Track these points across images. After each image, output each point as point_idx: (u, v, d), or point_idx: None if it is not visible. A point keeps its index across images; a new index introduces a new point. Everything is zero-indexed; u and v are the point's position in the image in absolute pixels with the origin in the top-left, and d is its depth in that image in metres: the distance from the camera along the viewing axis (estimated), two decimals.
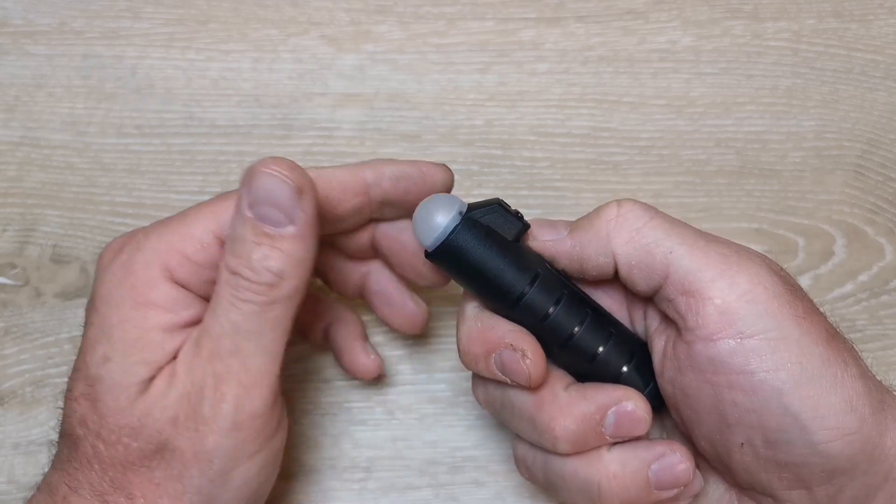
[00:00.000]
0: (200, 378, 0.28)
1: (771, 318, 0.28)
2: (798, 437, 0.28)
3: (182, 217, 0.30)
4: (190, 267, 0.29)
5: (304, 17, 0.44)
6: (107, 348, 0.28)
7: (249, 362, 0.29)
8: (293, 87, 0.43)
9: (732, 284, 0.28)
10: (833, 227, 0.42)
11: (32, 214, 0.41)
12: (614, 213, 0.30)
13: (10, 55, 0.43)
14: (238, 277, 0.28)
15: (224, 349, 0.28)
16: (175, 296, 0.29)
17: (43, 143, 0.42)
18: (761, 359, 0.27)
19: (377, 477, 0.38)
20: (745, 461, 0.29)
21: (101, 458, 0.28)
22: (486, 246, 0.29)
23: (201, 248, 0.29)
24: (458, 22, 0.44)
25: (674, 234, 0.29)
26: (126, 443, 0.28)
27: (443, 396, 0.39)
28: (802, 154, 0.43)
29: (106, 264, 0.30)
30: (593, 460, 0.30)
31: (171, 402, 0.28)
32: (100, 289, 0.29)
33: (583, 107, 0.43)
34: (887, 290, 0.41)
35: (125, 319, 0.29)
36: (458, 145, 0.42)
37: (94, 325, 0.29)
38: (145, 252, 0.29)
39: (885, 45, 0.45)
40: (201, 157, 0.42)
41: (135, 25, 0.43)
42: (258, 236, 0.28)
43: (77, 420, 0.29)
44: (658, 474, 0.30)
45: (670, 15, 0.45)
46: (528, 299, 0.29)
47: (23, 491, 0.37)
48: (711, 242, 0.29)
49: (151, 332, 0.29)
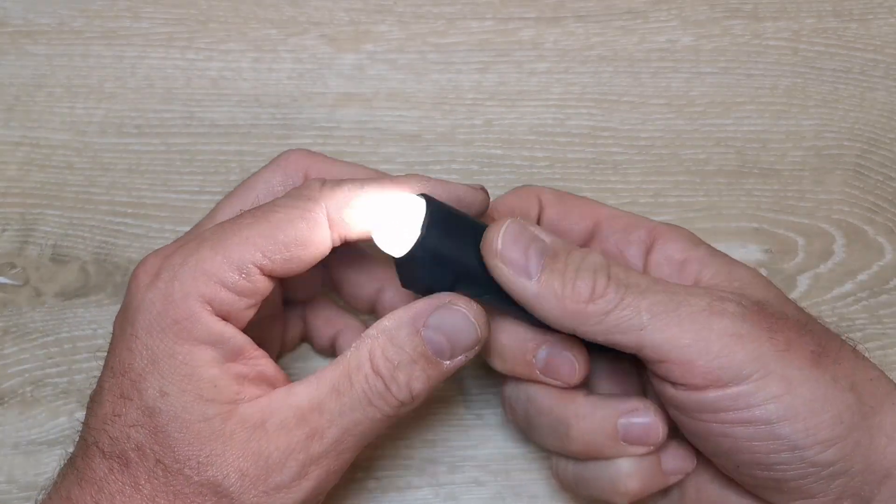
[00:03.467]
0: (288, 447, 0.28)
1: (753, 363, 0.28)
2: (791, 457, 0.28)
3: (218, 241, 0.29)
4: (228, 297, 0.29)
5: (304, 17, 0.44)
6: (161, 382, 0.28)
7: (343, 456, 0.29)
8: (293, 86, 0.43)
9: (709, 346, 0.28)
10: (833, 226, 0.42)
11: (32, 214, 0.41)
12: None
13: (10, 55, 0.43)
14: (380, 381, 0.29)
15: (330, 436, 0.29)
16: (218, 331, 0.29)
17: (43, 142, 0.42)
18: (749, 398, 0.28)
19: (377, 476, 0.38)
20: (744, 480, 0.30)
21: (154, 483, 0.28)
22: (461, 236, 0.29)
23: (240, 278, 0.29)
24: (457, 21, 0.44)
25: (642, 306, 0.29)
26: (187, 474, 0.28)
27: (443, 396, 0.39)
28: (802, 153, 0.43)
29: (142, 288, 0.29)
30: (568, 401, 0.32)
31: (248, 454, 0.28)
32: (139, 316, 0.29)
33: (582, 106, 0.43)
34: (887, 289, 0.41)
35: (172, 354, 0.28)
36: (458, 145, 0.42)
37: (138, 353, 0.29)
38: (183, 281, 0.29)
39: (885, 44, 0.45)
40: (201, 157, 0.42)
41: (134, 25, 0.43)
42: (417, 355, 0.29)
43: (133, 446, 0.28)
44: (627, 428, 0.31)
45: (670, 14, 0.45)
46: None
47: (23, 491, 0.37)
48: (682, 303, 0.29)
49: (200, 368, 0.28)
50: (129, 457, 0.28)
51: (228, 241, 0.29)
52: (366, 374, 0.29)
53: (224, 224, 0.30)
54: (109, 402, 0.29)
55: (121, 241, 0.41)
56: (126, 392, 0.29)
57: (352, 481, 0.38)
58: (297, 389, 0.29)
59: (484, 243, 0.30)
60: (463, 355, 0.30)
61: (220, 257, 0.29)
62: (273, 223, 0.29)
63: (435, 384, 0.30)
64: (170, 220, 0.41)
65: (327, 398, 0.29)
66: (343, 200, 0.30)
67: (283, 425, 0.28)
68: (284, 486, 0.28)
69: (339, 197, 0.30)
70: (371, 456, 0.38)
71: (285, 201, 0.30)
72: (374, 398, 0.29)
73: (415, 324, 0.29)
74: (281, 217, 0.29)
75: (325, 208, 0.30)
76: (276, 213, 0.30)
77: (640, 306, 0.28)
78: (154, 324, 0.29)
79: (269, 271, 0.29)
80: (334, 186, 0.30)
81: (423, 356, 0.29)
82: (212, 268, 0.29)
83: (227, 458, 0.28)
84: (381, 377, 0.29)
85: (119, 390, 0.29)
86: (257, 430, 0.28)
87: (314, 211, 0.30)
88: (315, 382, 0.29)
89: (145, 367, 0.28)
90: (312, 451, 0.29)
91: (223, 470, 0.28)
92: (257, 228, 0.29)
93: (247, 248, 0.29)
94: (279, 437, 0.28)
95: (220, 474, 0.28)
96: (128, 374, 0.29)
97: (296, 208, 0.30)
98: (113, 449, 0.29)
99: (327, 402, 0.29)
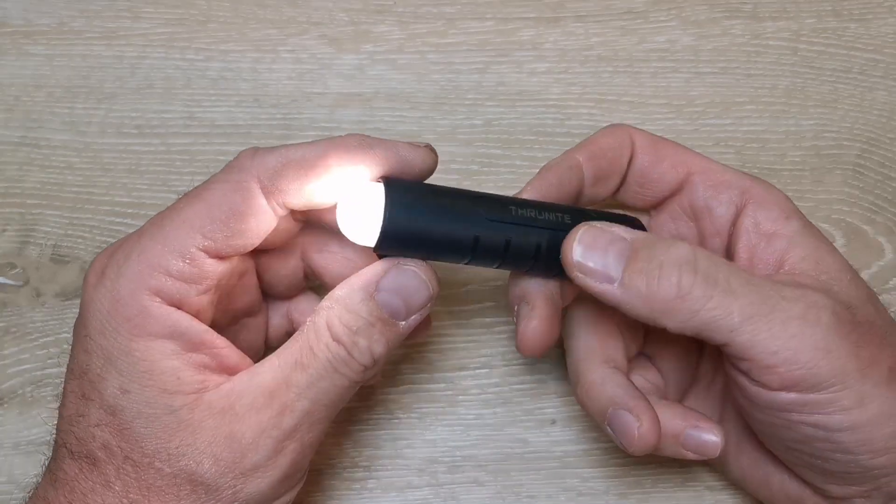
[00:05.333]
0: (259, 426, 0.28)
1: (834, 377, 0.28)
2: (845, 459, 0.29)
3: (156, 231, 0.29)
4: (176, 284, 0.29)
5: (304, 17, 0.44)
6: (120, 380, 0.28)
7: (317, 427, 0.29)
8: (293, 87, 0.43)
9: (797, 356, 0.28)
10: (832, 226, 0.42)
11: (32, 214, 0.41)
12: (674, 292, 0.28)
13: (10, 55, 0.43)
14: (342, 348, 0.29)
15: (300, 408, 0.29)
16: (172, 322, 0.28)
17: (43, 143, 0.42)
18: (821, 406, 0.28)
19: (377, 476, 0.38)
20: (789, 458, 0.31)
21: (125, 479, 0.28)
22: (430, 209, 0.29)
23: (185, 264, 0.28)
24: (457, 22, 0.44)
25: (734, 308, 0.28)
26: (158, 467, 0.28)
27: (443, 396, 0.39)
28: (802, 153, 0.43)
29: (90, 288, 0.29)
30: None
31: (219, 439, 0.28)
32: (90, 317, 0.29)
33: (582, 106, 0.43)
34: (887, 289, 0.41)
35: (127, 352, 0.28)
36: (458, 145, 0.42)
37: (94, 353, 0.29)
38: (128, 278, 0.28)
39: (885, 44, 0.45)
40: (201, 157, 0.42)
41: (134, 25, 0.43)
42: (374, 319, 0.29)
43: (98, 445, 0.28)
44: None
45: (669, 14, 0.45)
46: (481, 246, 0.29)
47: (23, 491, 0.37)
48: (776, 307, 0.28)
49: (160, 362, 0.28)
50: (96, 456, 0.28)
51: (167, 229, 0.29)
52: (326, 344, 0.29)
53: (162, 212, 0.30)
54: (73, 403, 0.29)
55: None
56: (87, 393, 0.29)
57: (352, 481, 0.38)
58: (260, 370, 0.29)
59: (563, 254, 0.29)
60: (417, 313, 0.30)
61: (160, 246, 0.28)
62: (207, 201, 0.29)
63: (394, 345, 0.30)
64: None
65: (292, 372, 0.29)
66: (274, 167, 0.29)
67: (252, 406, 0.28)
68: (261, 465, 0.28)
69: (270, 164, 0.29)
70: (371, 456, 0.38)
71: (217, 177, 0.30)
72: (338, 366, 0.29)
73: (367, 289, 0.29)
74: (214, 193, 0.29)
75: (257, 178, 0.29)
76: (209, 190, 0.29)
77: (731, 308, 0.28)
78: (105, 324, 0.28)
79: (215, 252, 0.29)
80: (266, 153, 0.29)
81: (380, 319, 0.29)
82: (154, 258, 0.28)
83: (199, 446, 0.28)
84: (343, 344, 0.29)
85: (80, 391, 0.29)
86: (226, 414, 0.28)
87: (246, 181, 0.29)
88: (276, 360, 0.29)
89: (102, 366, 0.28)
90: (285, 426, 0.28)
91: (196, 458, 0.28)
92: (193, 209, 0.29)
93: (185, 231, 0.29)
94: (250, 418, 0.28)
95: (193, 463, 0.28)
96: (86, 375, 0.29)
97: (227, 182, 0.29)
98: (80, 449, 0.29)
99: (293, 376, 0.29)
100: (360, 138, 0.29)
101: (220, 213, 0.29)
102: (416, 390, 0.39)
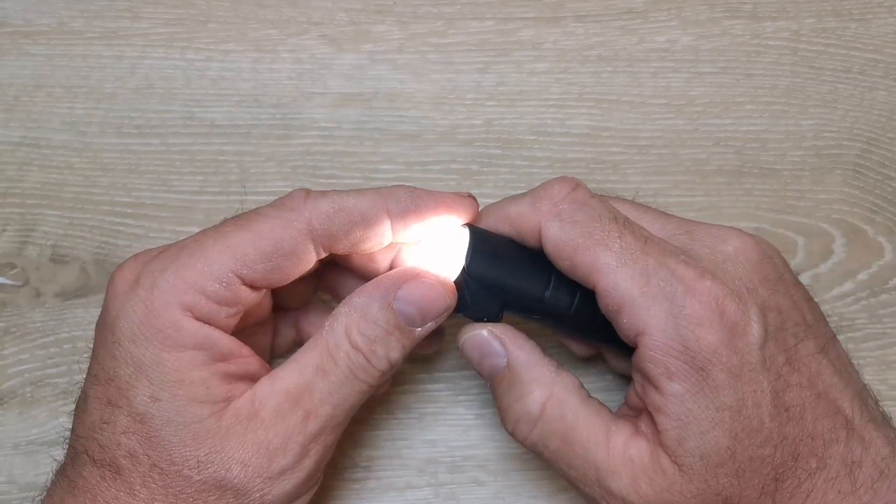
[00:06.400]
0: (286, 431, 0.29)
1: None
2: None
3: (197, 249, 0.29)
4: (210, 304, 0.29)
5: (304, 17, 0.44)
6: (151, 389, 0.28)
7: (337, 429, 0.31)
8: (293, 86, 0.43)
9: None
10: (832, 226, 0.42)
11: (32, 214, 0.41)
12: None
13: (10, 55, 0.43)
14: (361, 356, 0.30)
15: (324, 414, 0.30)
16: (202, 334, 0.29)
17: (43, 143, 0.42)
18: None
19: (377, 476, 0.38)
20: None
21: (151, 487, 0.28)
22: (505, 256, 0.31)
23: (221, 287, 0.29)
24: (457, 21, 0.44)
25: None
26: (187, 475, 0.28)
27: (443, 396, 0.39)
28: (802, 153, 0.43)
29: (121, 295, 0.29)
30: None
31: (247, 445, 0.29)
32: (120, 324, 0.29)
33: (582, 106, 0.43)
34: (886, 288, 0.41)
35: (159, 361, 0.28)
36: (458, 145, 0.42)
37: (123, 361, 0.29)
38: (163, 290, 0.29)
39: (884, 44, 0.45)
40: (201, 157, 0.42)
41: (134, 25, 0.43)
42: (392, 328, 0.30)
43: (124, 452, 0.28)
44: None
45: (669, 14, 0.45)
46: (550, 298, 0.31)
47: (23, 491, 0.37)
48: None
49: (190, 372, 0.29)
50: (120, 464, 0.28)
51: (209, 250, 0.29)
52: (346, 352, 0.30)
53: (206, 231, 0.30)
54: (97, 409, 0.29)
55: (121, 242, 0.41)
56: (113, 399, 0.29)
57: (352, 481, 0.38)
58: (282, 374, 0.30)
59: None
60: (433, 321, 0.31)
61: (200, 265, 0.29)
62: (254, 232, 0.29)
63: (410, 350, 0.31)
64: (169, 220, 0.41)
65: (315, 379, 0.29)
66: (327, 212, 0.30)
67: (278, 411, 0.29)
68: (288, 468, 0.29)
69: (322, 208, 0.30)
70: (371, 456, 0.38)
71: (268, 210, 0.30)
72: (358, 373, 0.30)
73: (385, 298, 0.30)
74: (262, 226, 0.29)
75: (308, 220, 0.30)
76: (257, 222, 0.30)
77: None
78: (137, 332, 0.29)
79: (251, 282, 0.29)
80: (318, 197, 0.30)
81: (397, 328, 0.30)
82: (192, 276, 0.29)
83: (227, 453, 0.28)
84: (362, 352, 0.30)
85: (106, 398, 0.29)
86: (252, 420, 0.29)
87: (296, 221, 0.29)
88: (297, 366, 0.30)
89: (132, 374, 0.29)
90: (310, 430, 0.29)
91: (225, 465, 0.28)
92: (239, 237, 0.29)
93: (228, 257, 0.29)
94: (276, 424, 0.29)
95: (222, 469, 0.28)
96: (114, 381, 0.29)
97: (278, 218, 0.30)
98: (103, 456, 0.29)
99: (315, 383, 0.29)
100: (409, 192, 0.31)
101: (266, 247, 0.29)
102: (416, 390, 0.39)
